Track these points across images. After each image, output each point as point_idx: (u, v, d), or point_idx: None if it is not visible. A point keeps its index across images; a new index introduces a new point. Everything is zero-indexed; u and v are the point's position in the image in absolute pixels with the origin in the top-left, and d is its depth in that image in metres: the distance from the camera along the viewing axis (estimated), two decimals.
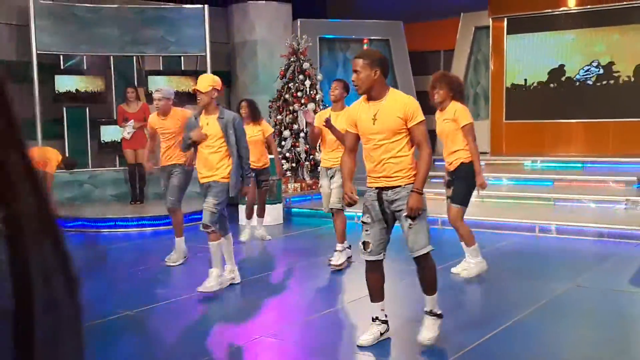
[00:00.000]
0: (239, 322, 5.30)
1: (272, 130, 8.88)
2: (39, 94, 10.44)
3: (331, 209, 6.94)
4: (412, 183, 4.31)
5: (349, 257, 6.88)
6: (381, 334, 4.53)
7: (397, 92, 4.59)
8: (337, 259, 6.81)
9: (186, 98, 11.33)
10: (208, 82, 5.91)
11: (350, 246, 6.81)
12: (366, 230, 4.45)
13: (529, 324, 4.94)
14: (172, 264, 6.97)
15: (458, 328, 4.81)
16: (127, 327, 5.16)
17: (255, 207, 8.50)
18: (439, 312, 4.46)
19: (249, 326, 5.19)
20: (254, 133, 7.97)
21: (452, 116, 5.90)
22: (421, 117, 4.35)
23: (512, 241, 8.01)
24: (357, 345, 4.47)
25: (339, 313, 5.50)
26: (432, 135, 5.00)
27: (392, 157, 4.34)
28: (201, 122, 5.91)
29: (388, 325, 4.56)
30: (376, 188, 4.41)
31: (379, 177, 4.39)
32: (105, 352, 4.40)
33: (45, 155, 8.97)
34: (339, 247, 6.88)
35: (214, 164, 5.91)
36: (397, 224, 4.45)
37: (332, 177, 6.93)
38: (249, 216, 8.58)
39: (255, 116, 8.29)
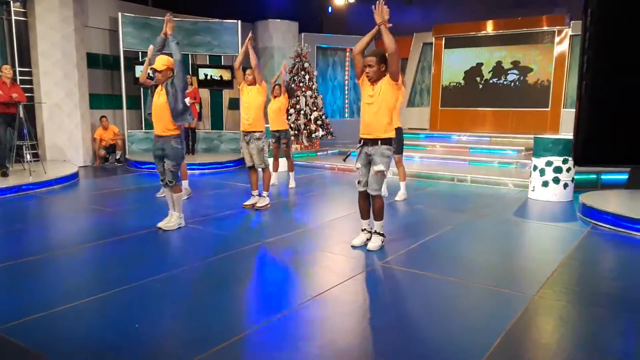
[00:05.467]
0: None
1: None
2: (124, 78, 10.43)
3: (252, 166, 6.16)
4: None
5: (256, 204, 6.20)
6: (367, 240, 4.66)
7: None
8: (262, 202, 6.20)
9: (221, 83, 11.47)
10: (163, 62, 4.94)
11: (260, 194, 6.28)
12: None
13: (446, 237, 5.11)
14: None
15: (402, 238, 4.98)
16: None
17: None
18: (382, 232, 4.61)
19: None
20: (281, 104, 7.48)
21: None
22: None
23: (440, 187, 8.19)
24: (351, 246, 4.63)
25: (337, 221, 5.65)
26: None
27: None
28: (156, 93, 5.03)
29: (371, 235, 4.66)
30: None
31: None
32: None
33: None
34: (264, 193, 6.21)
35: (167, 125, 5.00)
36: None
37: (248, 142, 6.02)
38: (275, 168, 7.98)
39: (290, 94, 7.74)
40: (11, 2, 9.07)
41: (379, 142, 4.33)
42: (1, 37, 9.19)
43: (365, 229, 4.73)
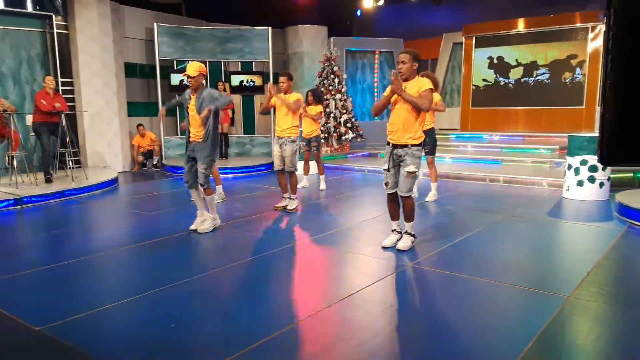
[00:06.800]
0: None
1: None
2: (160, 86, 10.69)
3: (283, 170, 6.18)
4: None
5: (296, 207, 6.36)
6: (397, 240, 4.67)
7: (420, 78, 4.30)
8: (292, 204, 6.31)
9: (253, 89, 11.55)
10: (195, 68, 5.03)
11: (290, 197, 6.34)
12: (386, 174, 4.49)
13: (478, 237, 5.04)
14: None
15: (433, 239, 4.96)
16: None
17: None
18: (413, 233, 4.61)
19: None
20: (315, 111, 7.53)
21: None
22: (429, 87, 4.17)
23: (472, 187, 8.08)
24: (382, 247, 4.63)
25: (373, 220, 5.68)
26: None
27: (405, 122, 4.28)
28: (191, 100, 5.16)
29: (402, 235, 4.68)
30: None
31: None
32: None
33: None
34: (293, 196, 6.31)
35: (197, 128, 5.12)
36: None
37: (281, 145, 6.08)
38: (306, 172, 8.06)
39: (319, 100, 7.67)
40: (53, 16, 9.43)
41: (409, 144, 4.32)
42: (44, 50, 9.56)
43: (395, 230, 4.71)
